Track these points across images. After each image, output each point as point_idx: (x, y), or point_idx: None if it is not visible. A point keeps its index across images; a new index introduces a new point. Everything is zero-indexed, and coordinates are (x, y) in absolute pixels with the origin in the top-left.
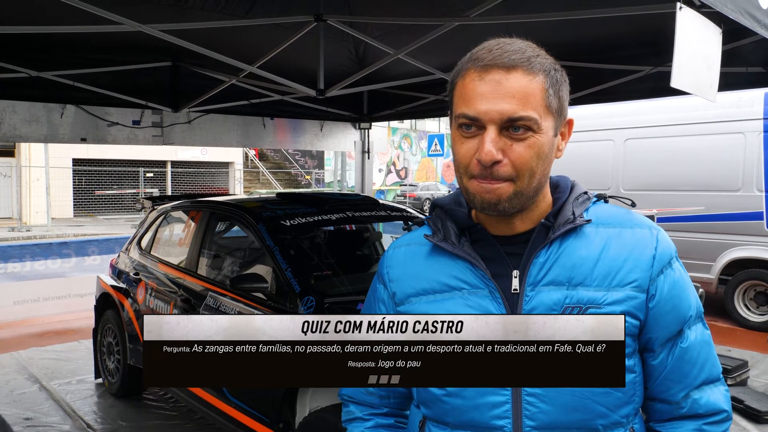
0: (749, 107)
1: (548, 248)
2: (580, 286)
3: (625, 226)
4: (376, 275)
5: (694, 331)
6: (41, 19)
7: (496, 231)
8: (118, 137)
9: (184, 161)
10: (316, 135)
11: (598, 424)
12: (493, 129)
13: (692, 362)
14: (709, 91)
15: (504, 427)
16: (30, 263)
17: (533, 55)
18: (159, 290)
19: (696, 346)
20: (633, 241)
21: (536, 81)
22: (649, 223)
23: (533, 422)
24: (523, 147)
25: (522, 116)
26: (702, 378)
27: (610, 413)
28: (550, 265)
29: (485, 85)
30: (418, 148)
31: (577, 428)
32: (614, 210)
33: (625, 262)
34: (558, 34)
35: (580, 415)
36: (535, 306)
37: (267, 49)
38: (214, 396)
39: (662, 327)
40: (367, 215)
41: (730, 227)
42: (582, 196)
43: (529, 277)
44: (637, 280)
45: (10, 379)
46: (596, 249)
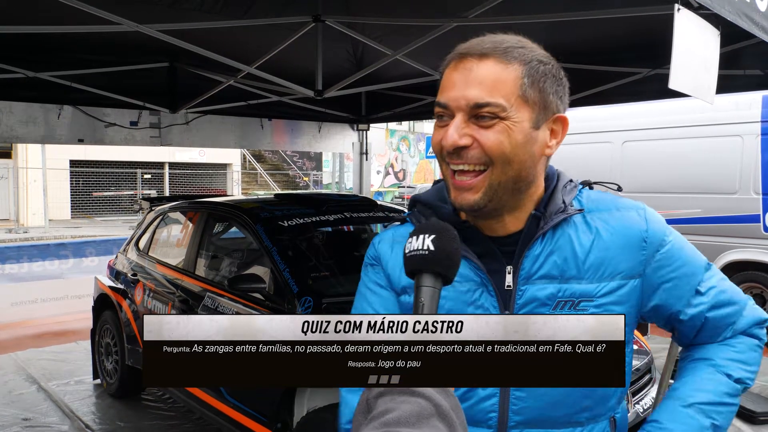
0: (747, 110)
1: (542, 240)
2: (572, 279)
3: (613, 211)
4: (363, 267)
5: (708, 283)
6: (38, 19)
7: (489, 231)
8: (115, 138)
9: (182, 163)
10: (314, 136)
11: (582, 417)
12: (460, 116)
13: (721, 314)
14: (707, 93)
15: (489, 420)
16: (27, 264)
17: (514, 46)
18: (157, 291)
19: (718, 297)
20: (623, 226)
21: (510, 70)
22: (635, 204)
23: (519, 417)
24: (492, 132)
25: (488, 102)
26: (736, 314)
27: (595, 406)
28: (544, 259)
29: (458, 74)
30: (416, 150)
31: (562, 423)
32: (601, 196)
33: (616, 249)
34: (556, 36)
35: (566, 410)
36: (528, 300)
37: (265, 49)
38: (212, 396)
39: (678, 298)
40: (364, 216)
41: (728, 230)
42: (569, 184)
43: (522, 271)
44: (630, 267)
45: (8, 380)
46: (588, 239)
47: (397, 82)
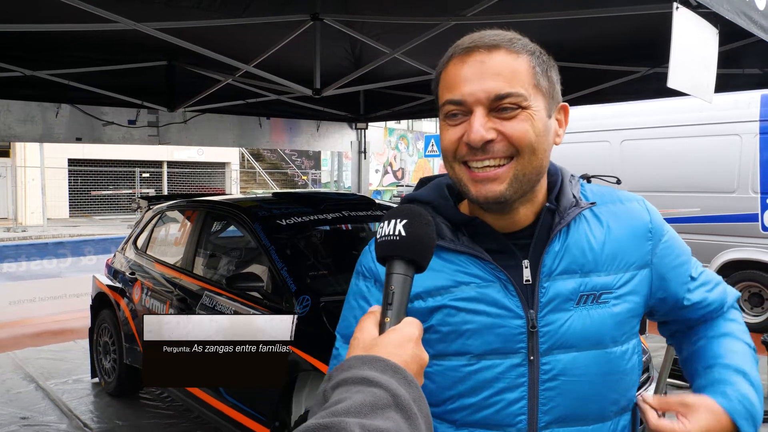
0: (746, 109)
1: (559, 235)
2: (592, 272)
3: (617, 203)
4: (355, 274)
5: (696, 269)
6: (36, 18)
7: (498, 227)
8: (113, 137)
9: (180, 161)
10: (313, 135)
11: (610, 411)
12: (480, 110)
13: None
14: (706, 91)
15: (519, 423)
16: (26, 263)
17: (515, 38)
18: (155, 290)
19: (706, 279)
20: (629, 217)
21: (521, 59)
22: (635, 195)
23: (549, 417)
24: (517, 122)
25: (510, 92)
26: (724, 292)
27: (620, 398)
28: (563, 253)
29: (468, 68)
30: (415, 149)
31: (593, 418)
32: (602, 189)
33: (627, 240)
34: (554, 35)
35: (596, 405)
36: (552, 297)
37: (263, 48)
38: (211, 395)
39: (679, 284)
40: (363, 215)
41: (726, 229)
42: (572, 178)
43: (543, 267)
44: (640, 257)
45: (6, 379)
46: (600, 231)
47: (396, 80)
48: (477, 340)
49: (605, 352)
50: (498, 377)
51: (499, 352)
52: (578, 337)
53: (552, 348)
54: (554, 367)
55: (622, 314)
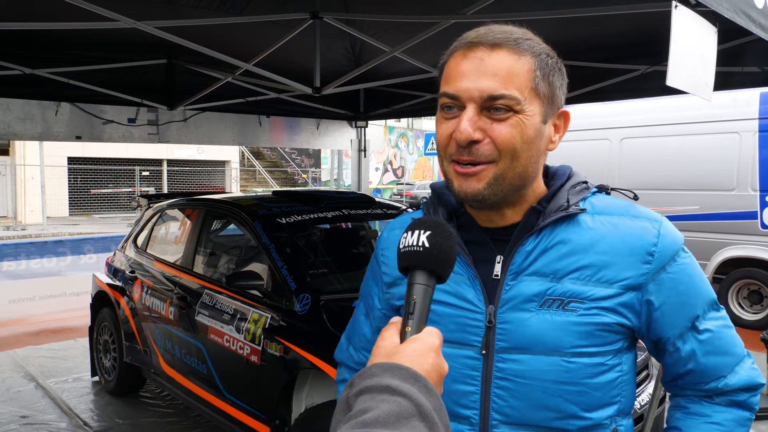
0: (745, 107)
1: (537, 236)
2: (566, 278)
3: (624, 217)
4: (373, 256)
5: (708, 324)
6: (36, 16)
7: (486, 222)
8: (113, 135)
9: (180, 160)
10: (313, 133)
11: (572, 425)
12: (472, 108)
13: (713, 361)
14: (705, 89)
15: (471, 417)
16: (25, 262)
17: (523, 37)
18: (155, 288)
19: (714, 342)
20: (630, 234)
21: (523, 61)
22: (653, 215)
23: (500, 416)
24: (505, 126)
25: (503, 94)
26: (728, 368)
27: (586, 414)
28: (537, 255)
29: (468, 63)
30: (415, 147)
31: (548, 427)
32: (615, 201)
33: (619, 256)
34: (554, 33)
35: (550, 414)
36: (514, 295)
37: (263, 46)
38: (211, 393)
39: (672, 326)
40: (363, 213)
41: (725, 226)
42: (580, 184)
43: (512, 265)
44: (630, 278)
45: (6, 378)
46: (589, 240)
47: (396, 79)
48: (438, 327)
49: (564, 360)
50: (453, 367)
51: (457, 342)
52: (533, 340)
53: (510, 348)
54: (509, 367)
55: (590, 326)
